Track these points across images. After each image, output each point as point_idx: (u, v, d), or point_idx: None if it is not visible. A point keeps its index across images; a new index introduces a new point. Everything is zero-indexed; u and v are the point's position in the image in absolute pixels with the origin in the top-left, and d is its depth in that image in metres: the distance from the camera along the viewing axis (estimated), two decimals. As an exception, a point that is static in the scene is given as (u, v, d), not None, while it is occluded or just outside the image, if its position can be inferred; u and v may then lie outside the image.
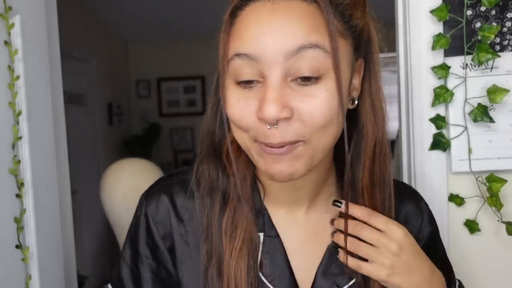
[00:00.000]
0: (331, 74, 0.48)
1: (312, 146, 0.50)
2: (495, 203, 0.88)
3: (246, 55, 0.48)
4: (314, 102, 0.47)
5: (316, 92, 0.48)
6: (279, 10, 0.47)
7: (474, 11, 0.90)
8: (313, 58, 0.47)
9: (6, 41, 0.89)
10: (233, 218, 0.57)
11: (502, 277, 0.94)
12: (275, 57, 0.47)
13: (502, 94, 0.87)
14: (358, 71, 0.55)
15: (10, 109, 0.90)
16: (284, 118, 0.47)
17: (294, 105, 0.47)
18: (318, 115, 0.48)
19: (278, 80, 0.47)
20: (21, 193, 0.92)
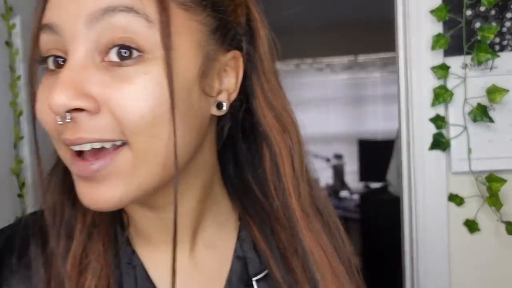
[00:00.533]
0: (156, 54, 0.34)
1: (136, 154, 0.35)
2: (494, 202, 0.89)
3: (48, 27, 0.35)
4: (129, 89, 0.34)
5: (133, 75, 0.34)
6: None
7: (473, 11, 0.90)
8: (128, 26, 0.34)
9: (7, 41, 0.90)
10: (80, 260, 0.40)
11: (502, 277, 0.94)
12: (75, 24, 0.34)
13: (501, 94, 0.87)
14: (232, 68, 0.42)
15: (11, 109, 0.91)
16: (80, 109, 0.33)
17: (101, 93, 0.34)
18: (132, 107, 0.34)
19: (80, 57, 0.34)
20: (23, 192, 0.92)
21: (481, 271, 0.95)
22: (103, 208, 0.36)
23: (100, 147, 0.35)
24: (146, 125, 0.34)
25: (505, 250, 0.94)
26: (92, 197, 0.36)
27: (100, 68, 0.35)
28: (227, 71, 0.42)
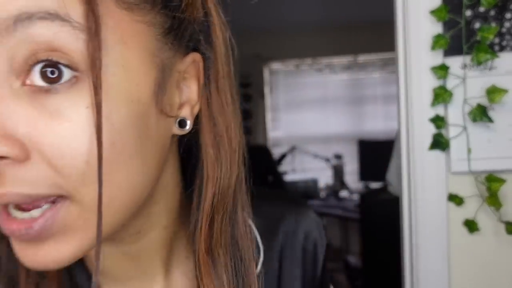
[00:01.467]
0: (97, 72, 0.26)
1: (84, 207, 0.28)
2: (494, 202, 0.89)
3: None
4: (64, 128, 0.26)
5: (68, 108, 0.26)
6: None
7: (473, 11, 0.90)
8: (53, 39, 0.26)
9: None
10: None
11: (502, 277, 0.95)
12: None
13: (501, 94, 0.87)
14: (192, 75, 0.35)
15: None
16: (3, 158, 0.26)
17: (28, 134, 0.26)
18: (72, 152, 0.26)
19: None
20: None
21: (481, 271, 0.95)
22: (53, 268, 0.29)
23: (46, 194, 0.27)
24: (91, 170, 0.27)
25: (504, 250, 0.94)
26: (36, 259, 0.28)
27: (21, 97, 0.26)
28: (187, 79, 0.34)
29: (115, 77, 0.27)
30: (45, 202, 0.28)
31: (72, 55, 0.26)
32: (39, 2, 0.25)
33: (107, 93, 0.27)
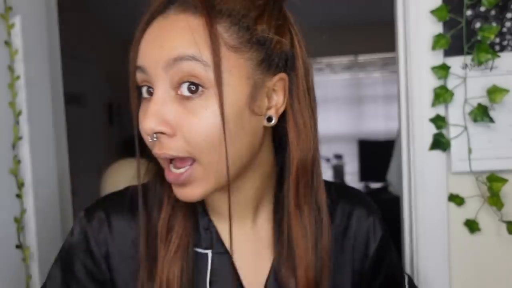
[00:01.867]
0: (216, 89, 0.46)
1: (204, 166, 0.48)
2: (495, 202, 0.88)
3: (139, 68, 0.49)
4: (195, 120, 0.47)
5: (197, 109, 0.47)
6: (166, 24, 0.48)
7: (473, 11, 0.90)
8: (191, 70, 0.46)
9: (6, 41, 0.90)
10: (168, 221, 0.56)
11: (503, 277, 0.94)
12: (155, 68, 0.47)
13: (501, 94, 0.87)
14: (280, 88, 0.52)
15: (10, 109, 0.91)
16: (162, 133, 0.47)
17: (176, 121, 0.47)
18: (200, 134, 0.47)
19: (161, 93, 0.48)
20: (21, 193, 0.92)
21: (482, 271, 0.95)
22: (191, 201, 0.51)
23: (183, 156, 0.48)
24: (207, 145, 0.47)
25: (505, 250, 0.94)
26: (182, 195, 0.51)
27: (174, 100, 0.48)
28: (276, 91, 0.52)
29: (225, 92, 0.47)
30: (186, 164, 0.49)
31: (203, 79, 0.46)
32: (186, 51, 0.46)
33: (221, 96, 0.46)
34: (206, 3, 0.47)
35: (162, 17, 0.49)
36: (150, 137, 0.48)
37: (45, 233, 0.98)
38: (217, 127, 0.47)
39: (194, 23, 0.47)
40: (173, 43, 0.47)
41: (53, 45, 1.10)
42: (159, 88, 0.48)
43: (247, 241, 0.58)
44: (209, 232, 0.57)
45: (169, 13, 0.49)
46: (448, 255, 0.94)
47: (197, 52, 0.46)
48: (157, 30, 0.49)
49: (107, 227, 0.57)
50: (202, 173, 0.49)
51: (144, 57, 0.49)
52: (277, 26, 0.51)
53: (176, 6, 0.49)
